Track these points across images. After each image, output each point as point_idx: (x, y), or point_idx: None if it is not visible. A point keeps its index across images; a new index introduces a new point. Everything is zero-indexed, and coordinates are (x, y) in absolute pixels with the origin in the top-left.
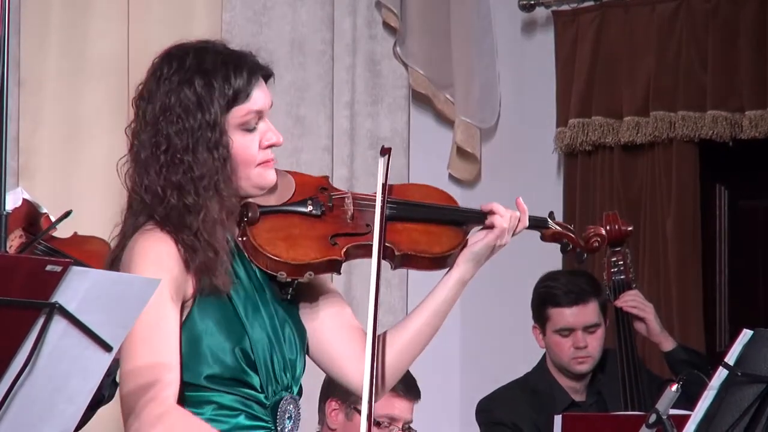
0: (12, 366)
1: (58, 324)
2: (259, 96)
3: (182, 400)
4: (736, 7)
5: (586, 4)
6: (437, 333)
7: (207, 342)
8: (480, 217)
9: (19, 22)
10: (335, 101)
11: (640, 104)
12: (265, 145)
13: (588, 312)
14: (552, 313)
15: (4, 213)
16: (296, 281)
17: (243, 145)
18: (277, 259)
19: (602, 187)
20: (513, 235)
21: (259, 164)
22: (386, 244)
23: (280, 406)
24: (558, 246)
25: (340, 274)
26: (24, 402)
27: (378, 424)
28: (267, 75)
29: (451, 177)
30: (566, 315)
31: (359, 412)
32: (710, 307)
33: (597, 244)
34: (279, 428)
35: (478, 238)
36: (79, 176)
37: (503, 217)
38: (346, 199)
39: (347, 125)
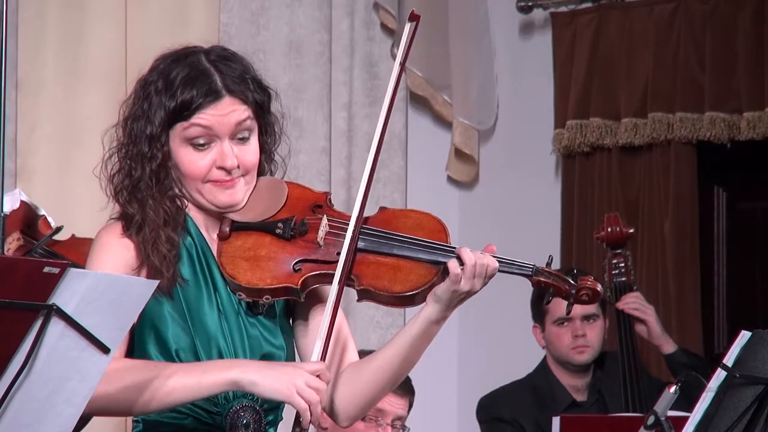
0: (10, 368)
1: (56, 326)
2: (211, 114)
3: None
4: (734, 9)
5: (583, 5)
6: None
7: (153, 338)
8: (448, 258)
9: (17, 24)
10: (333, 103)
11: (638, 106)
12: (217, 165)
13: None
14: (550, 305)
15: (2, 215)
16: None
17: (188, 160)
18: (233, 281)
19: (600, 189)
20: (485, 282)
21: (210, 182)
22: (350, 276)
23: (231, 413)
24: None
25: (301, 300)
26: (22, 404)
27: (362, 418)
28: (243, 98)
29: (449, 179)
30: (563, 304)
31: None
32: (708, 308)
33: (587, 299)
34: None
35: (443, 283)
36: (76, 178)
37: (465, 264)
38: (321, 224)
39: (345, 127)
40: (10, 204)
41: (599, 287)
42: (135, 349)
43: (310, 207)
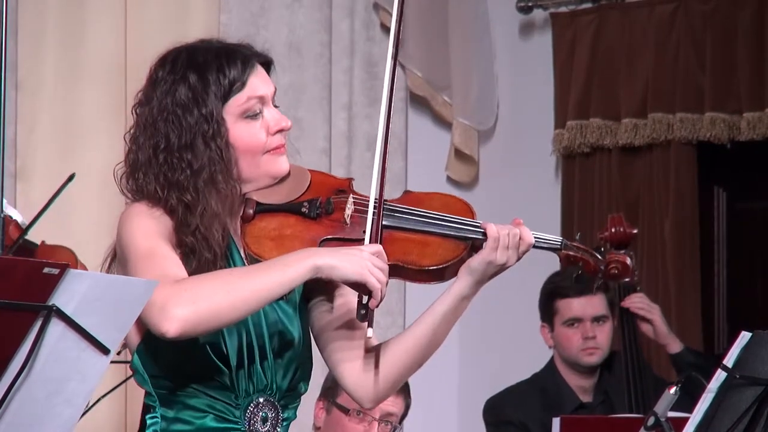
0: (9, 368)
1: (56, 326)
2: (257, 82)
3: (154, 393)
4: (734, 9)
5: (583, 6)
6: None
7: None
8: (480, 233)
9: (17, 25)
10: (333, 103)
11: (638, 106)
12: (273, 130)
13: (595, 303)
14: (560, 305)
15: (2, 215)
16: None
17: (248, 132)
18: (258, 259)
19: (600, 190)
20: (519, 255)
21: (269, 151)
22: None
23: (250, 407)
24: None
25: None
26: (22, 404)
27: (346, 411)
28: (266, 63)
29: (448, 179)
30: (574, 305)
31: (337, 405)
32: (708, 308)
33: (616, 272)
34: (250, 429)
35: (478, 254)
36: (76, 178)
37: (497, 231)
38: (348, 203)
39: (345, 127)
40: None
41: (629, 261)
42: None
43: (333, 191)
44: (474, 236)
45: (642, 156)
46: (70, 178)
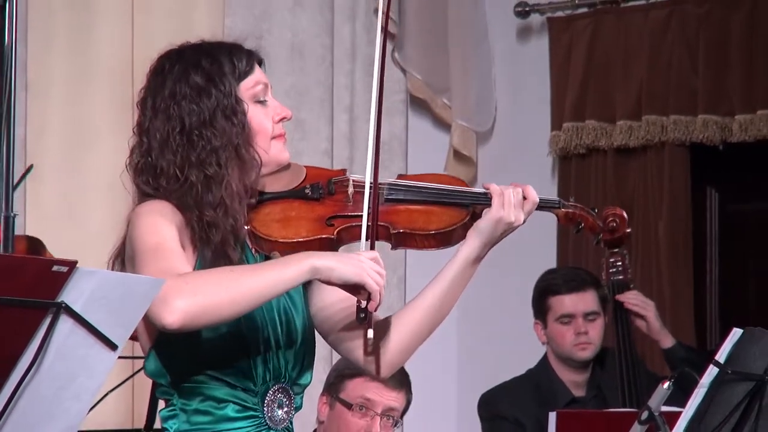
0: (19, 364)
1: (65, 323)
2: (260, 72)
3: (173, 388)
4: (727, 13)
5: (580, 10)
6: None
7: None
8: (485, 198)
9: (26, 28)
10: (335, 105)
11: (633, 108)
12: (277, 118)
13: (587, 299)
14: (553, 302)
15: (12, 215)
16: None
17: (257, 116)
18: (269, 238)
19: (596, 190)
20: (525, 213)
21: (274, 137)
22: (383, 224)
23: (269, 394)
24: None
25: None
26: (31, 400)
27: (349, 405)
28: (260, 61)
29: None
30: (566, 302)
31: (340, 400)
32: (701, 306)
33: (615, 225)
34: (268, 416)
35: (485, 214)
36: (84, 177)
37: (501, 189)
38: (348, 183)
39: (346, 129)
40: None
41: (623, 212)
42: None
43: (330, 179)
44: (475, 201)
45: (636, 157)
46: (28, 169)
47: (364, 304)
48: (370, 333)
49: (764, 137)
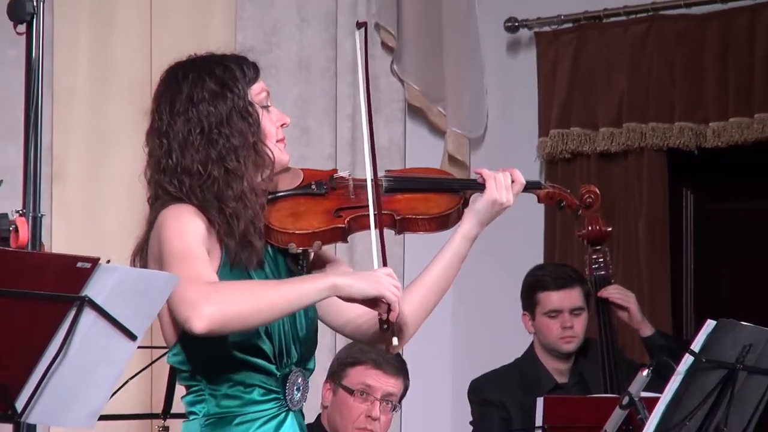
0: (46, 354)
1: (88, 316)
2: (262, 82)
3: (201, 375)
4: (702, 29)
5: (565, 25)
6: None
7: None
8: (476, 183)
9: (52, 40)
10: (338, 114)
11: (615, 116)
12: (278, 124)
13: (573, 296)
14: (541, 297)
15: (40, 215)
16: (307, 252)
17: (263, 120)
18: (285, 231)
19: None
20: (514, 195)
21: (277, 141)
22: (386, 212)
23: (289, 377)
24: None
25: (346, 242)
26: (57, 387)
27: (351, 391)
28: (259, 71)
29: None
30: (554, 298)
31: (342, 387)
32: (677, 300)
33: (590, 200)
34: (288, 398)
35: (478, 197)
36: (106, 181)
37: (492, 173)
38: (347, 179)
39: (349, 135)
40: None
41: (596, 188)
42: None
43: (332, 176)
44: (466, 187)
45: (618, 161)
46: None
47: (384, 316)
48: (395, 341)
49: (736, 143)
